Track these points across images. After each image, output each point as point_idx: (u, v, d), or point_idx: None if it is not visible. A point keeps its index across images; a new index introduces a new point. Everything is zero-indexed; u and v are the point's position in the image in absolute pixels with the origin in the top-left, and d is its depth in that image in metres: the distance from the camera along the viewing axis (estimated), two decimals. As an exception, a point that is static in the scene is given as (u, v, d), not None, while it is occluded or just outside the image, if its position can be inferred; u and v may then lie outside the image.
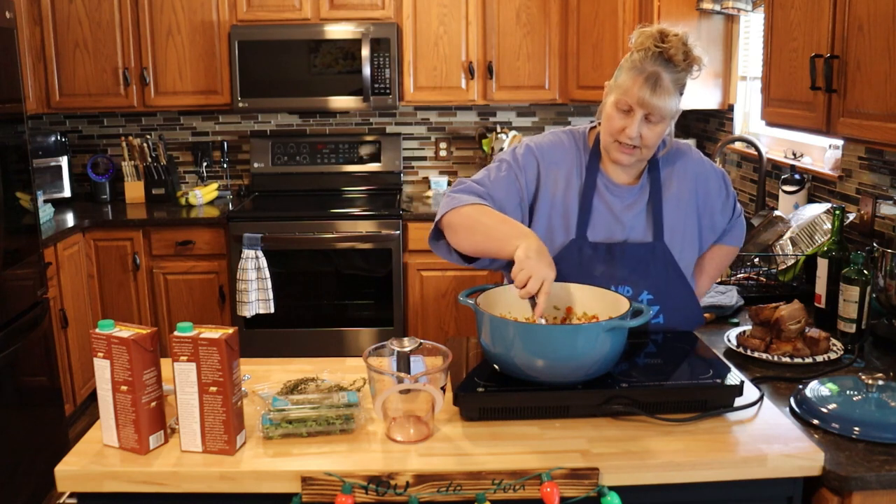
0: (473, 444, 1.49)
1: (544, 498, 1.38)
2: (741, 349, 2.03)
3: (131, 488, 1.39)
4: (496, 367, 1.64)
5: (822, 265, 2.21)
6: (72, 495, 1.43)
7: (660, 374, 1.67)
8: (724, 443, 1.51)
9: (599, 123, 1.91)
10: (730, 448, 1.49)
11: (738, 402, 1.62)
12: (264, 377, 1.81)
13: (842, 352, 2.01)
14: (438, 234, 1.92)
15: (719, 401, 1.61)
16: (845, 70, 2.03)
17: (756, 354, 2.00)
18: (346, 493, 1.37)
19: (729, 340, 2.10)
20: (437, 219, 1.90)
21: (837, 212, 2.24)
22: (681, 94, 1.82)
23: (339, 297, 4.28)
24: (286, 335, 4.26)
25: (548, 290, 1.63)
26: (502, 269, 1.98)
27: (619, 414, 1.59)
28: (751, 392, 1.67)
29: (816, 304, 2.26)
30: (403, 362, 1.55)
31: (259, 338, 4.22)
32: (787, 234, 2.62)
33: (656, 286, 1.89)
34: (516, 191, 1.91)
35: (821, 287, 2.23)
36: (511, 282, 1.70)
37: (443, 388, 1.50)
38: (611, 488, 1.42)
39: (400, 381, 1.47)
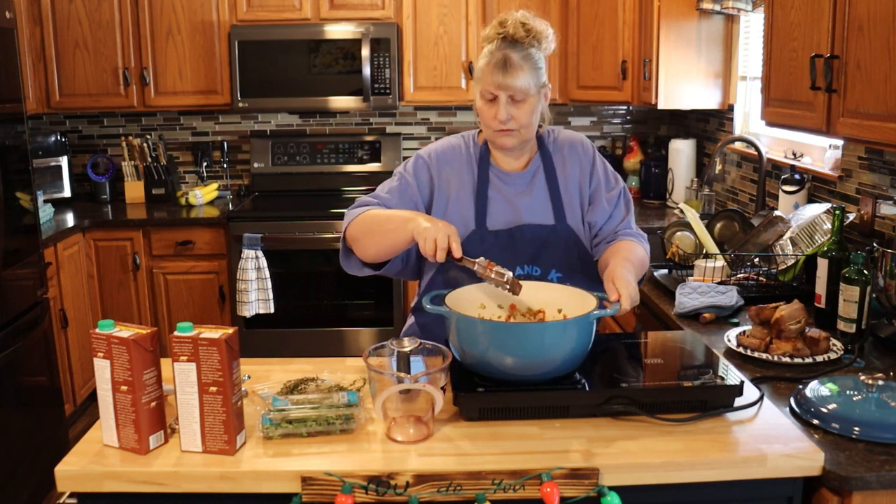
0: (473, 444, 1.49)
1: (544, 498, 1.38)
2: (741, 349, 2.03)
3: (131, 488, 1.39)
4: (467, 367, 1.64)
5: (822, 265, 2.21)
6: (72, 495, 1.43)
7: (660, 373, 1.67)
8: (724, 443, 1.51)
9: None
10: (730, 448, 1.49)
11: (738, 401, 1.62)
12: (264, 377, 1.81)
13: (842, 352, 2.01)
14: (349, 252, 2.00)
15: (719, 401, 1.61)
16: (845, 70, 2.03)
17: (756, 354, 1.99)
18: (346, 493, 1.37)
19: (729, 340, 2.10)
20: (341, 237, 1.99)
21: (837, 212, 2.24)
22: (538, 68, 1.91)
23: (338, 298, 4.28)
24: (286, 335, 4.26)
25: (457, 240, 1.70)
26: (413, 274, 2.08)
27: (619, 414, 1.59)
28: (751, 392, 1.67)
29: (816, 304, 2.26)
30: (403, 362, 1.55)
31: (259, 338, 4.22)
32: (787, 234, 2.62)
33: (563, 265, 1.96)
34: (409, 197, 2.01)
35: (821, 287, 2.23)
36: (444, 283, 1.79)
37: (443, 388, 1.50)
38: (611, 488, 1.42)
39: (400, 381, 1.47)
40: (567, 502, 1.40)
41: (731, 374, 1.66)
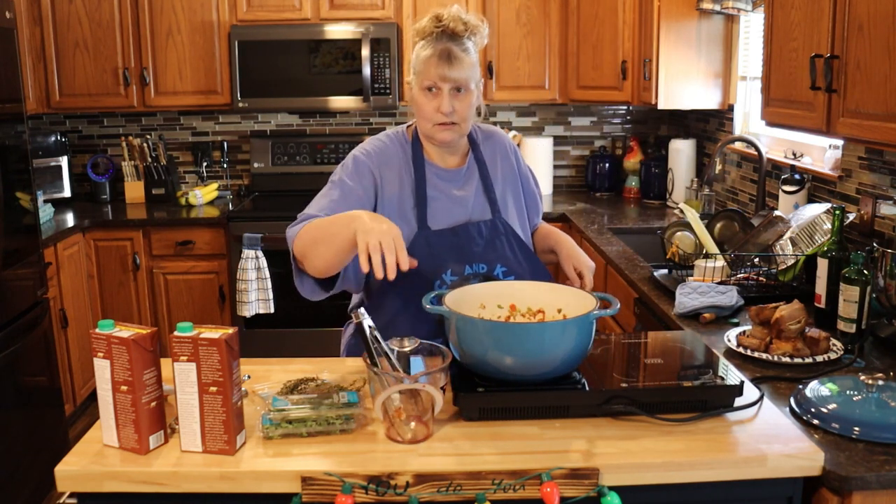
0: (473, 444, 1.49)
1: (544, 498, 1.38)
2: (741, 349, 2.03)
3: (131, 488, 1.39)
4: (467, 367, 1.64)
5: (822, 265, 2.21)
6: (72, 495, 1.43)
7: (660, 373, 1.67)
8: (724, 443, 1.51)
9: (409, 124, 2.07)
10: (730, 448, 1.49)
11: (738, 401, 1.62)
12: (264, 377, 1.81)
13: (842, 352, 2.01)
14: (301, 273, 1.95)
15: (719, 401, 1.61)
16: (845, 70, 2.03)
17: (756, 354, 1.99)
18: (346, 493, 1.37)
19: (729, 340, 2.10)
20: (291, 257, 1.93)
21: (837, 212, 2.23)
22: (476, 62, 1.96)
23: (339, 298, 4.25)
24: (286, 335, 4.26)
25: (401, 243, 1.64)
26: (368, 288, 2.10)
27: (619, 414, 1.59)
28: (751, 392, 1.67)
29: (816, 305, 2.26)
30: (403, 362, 1.55)
31: (259, 338, 4.22)
32: (787, 234, 2.62)
33: (506, 259, 1.99)
34: (356, 200, 1.96)
35: (821, 287, 2.23)
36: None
37: (443, 388, 1.50)
38: (611, 488, 1.42)
39: (399, 381, 1.47)
40: (567, 502, 1.40)
41: (731, 374, 1.66)
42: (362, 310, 1.60)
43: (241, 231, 4.02)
